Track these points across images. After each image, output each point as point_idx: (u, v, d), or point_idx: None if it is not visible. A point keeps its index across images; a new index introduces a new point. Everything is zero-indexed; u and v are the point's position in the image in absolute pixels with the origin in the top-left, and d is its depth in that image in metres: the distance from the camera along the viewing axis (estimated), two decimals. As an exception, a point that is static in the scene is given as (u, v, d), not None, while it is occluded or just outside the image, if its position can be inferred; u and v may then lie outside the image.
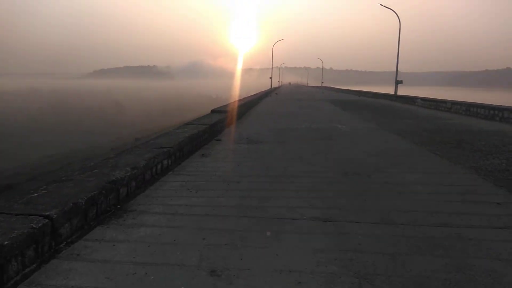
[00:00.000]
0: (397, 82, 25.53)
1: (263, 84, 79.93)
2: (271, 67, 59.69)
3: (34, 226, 2.47)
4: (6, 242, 2.20)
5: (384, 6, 25.24)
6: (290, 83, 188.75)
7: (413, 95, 25.81)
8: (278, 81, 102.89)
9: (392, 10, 25.06)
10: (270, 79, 57.02)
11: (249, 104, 17.06)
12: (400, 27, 24.76)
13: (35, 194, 3.12)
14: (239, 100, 16.34)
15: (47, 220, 2.61)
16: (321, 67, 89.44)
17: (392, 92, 33.67)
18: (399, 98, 22.86)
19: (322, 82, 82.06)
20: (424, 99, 19.19)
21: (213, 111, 11.50)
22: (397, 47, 25.42)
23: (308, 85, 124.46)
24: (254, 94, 28.11)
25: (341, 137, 8.53)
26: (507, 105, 14.06)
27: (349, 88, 45.54)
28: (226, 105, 13.44)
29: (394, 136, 8.64)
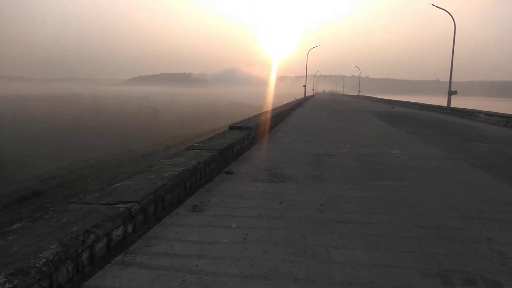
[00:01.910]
0: (451, 93, 22.28)
1: (297, 92, 77.57)
2: (305, 75, 57.14)
3: None
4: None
5: (437, 6, 22.20)
6: (324, 91, 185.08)
7: (466, 107, 22.54)
8: (312, 89, 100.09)
9: (446, 11, 21.99)
10: (304, 87, 54.46)
11: (278, 117, 14.73)
12: (455, 30, 21.62)
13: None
14: (267, 112, 14.05)
15: None
16: (356, 75, 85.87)
17: (439, 103, 30.26)
18: (455, 112, 19.70)
19: (360, 91, 78.30)
20: (488, 114, 16.07)
21: (231, 128, 9.25)
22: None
23: (344, 93, 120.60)
24: (286, 104, 25.76)
25: (405, 173, 5.98)
26: None
27: (390, 98, 42.20)
28: (249, 119, 11.17)
29: (486, 176, 5.96)
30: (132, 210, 3.37)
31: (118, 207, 3.29)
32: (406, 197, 4.56)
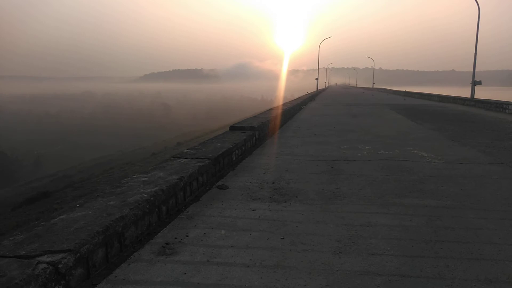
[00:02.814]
0: (475, 83, 20.64)
1: (309, 86, 76.04)
2: (317, 67, 55.54)
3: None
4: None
5: (459, -12, 20.52)
6: (336, 83, 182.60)
7: (488, 98, 20.92)
8: (325, 82, 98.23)
9: (470, -6, 20.29)
10: (316, 81, 52.92)
11: (287, 113, 13.54)
12: (479, 15, 19.96)
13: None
14: (275, 109, 12.87)
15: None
16: (369, 67, 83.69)
17: (456, 94, 28.53)
18: (480, 103, 18.12)
19: (374, 83, 76.16)
20: (520, 105, 14.55)
21: (232, 128, 8.13)
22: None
23: (357, 86, 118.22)
24: (297, 99, 24.50)
25: (443, 185, 4.73)
26: None
27: (407, 90, 40.41)
28: (254, 117, 10.01)
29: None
30: (60, 266, 2.28)
31: (37, 263, 2.21)
32: (455, 226, 3.35)
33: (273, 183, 4.86)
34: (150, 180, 3.99)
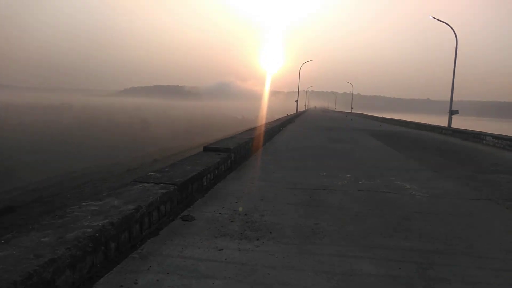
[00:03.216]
0: (452, 113, 20.89)
1: (290, 107, 76.59)
2: (297, 90, 55.99)
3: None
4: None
5: (438, 19, 21.08)
6: (315, 107, 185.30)
7: (465, 127, 21.23)
8: (305, 105, 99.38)
9: (447, 24, 20.79)
10: (296, 103, 53.24)
11: (266, 135, 13.15)
12: (457, 44, 20.42)
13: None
14: (254, 130, 12.46)
15: None
16: (348, 92, 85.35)
17: (431, 122, 29.03)
18: (457, 133, 18.26)
19: (352, 108, 77.41)
20: (496, 137, 14.64)
21: (206, 149, 7.61)
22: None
23: (336, 110, 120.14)
24: (276, 120, 24.26)
25: (430, 224, 4.32)
26: None
27: (384, 116, 41.00)
28: (230, 138, 9.53)
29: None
30: None
31: None
32: (450, 278, 2.90)
33: (245, 214, 4.35)
34: (101, 209, 3.41)
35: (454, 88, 21.01)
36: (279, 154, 9.84)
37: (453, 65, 20.77)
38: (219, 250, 3.29)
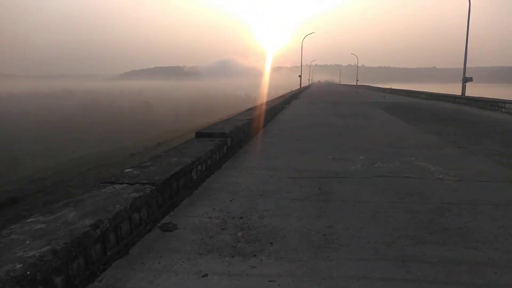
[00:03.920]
0: (466, 80, 19.69)
1: (293, 82, 75.21)
2: (300, 64, 54.44)
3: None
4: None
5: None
6: (319, 81, 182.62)
7: (480, 95, 20.06)
8: (308, 80, 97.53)
9: (460, -14, 19.32)
10: (299, 78, 51.84)
11: (268, 114, 12.23)
12: (470, 9, 19.06)
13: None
14: (255, 109, 11.55)
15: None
16: (352, 64, 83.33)
17: (439, 91, 27.79)
18: (472, 101, 17.16)
19: (357, 80, 75.63)
20: (516, 104, 13.58)
21: (198, 135, 6.74)
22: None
23: (341, 83, 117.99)
24: (280, 96, 23.22)
25: (471, 220, 3.50)
26: None
27: (392, 87, 39.63)
28: (227, 120, 8.62)
29: None
30: None
31: None
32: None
33: (240, 218, 3.53)
34: (48, 228, 2.59)
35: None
36: (283, 135, 8.96)
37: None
38: (202, 276, 2.48)
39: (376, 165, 5.62)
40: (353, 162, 5.85)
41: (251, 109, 11.84)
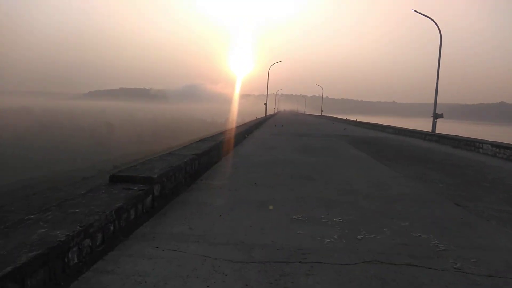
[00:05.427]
0: (437, 116, 18.95)
1: (260, 110, 74.52)
2: (266, 92, 53.66)
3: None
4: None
5: (420, 13, 19.21)
6: (285, 109, 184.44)
7: (450, 133, 19.34)
8: (274, 108, 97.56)
9: (431, 19, 18.90)
10: (265, 106, 50.90)
11: (226, 145, 10.47)
12: (441, 40, 18.58)
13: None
14: (207, 141, 9.75)
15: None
16: (317, 95, 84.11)
17: (397, 125, 27.29)
18: (444, 139, 16.24)
19: (322, 111, 75.98)
20: (495, 145, 12.61)
21: (113, 180, 4.78)
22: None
23: (305, 113, 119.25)
24: (243, 125, 21.65)
25: None
26: None
27: (357, 120, 39.25)
28: (167, 155, 6.72)
29: None
30: None
31: None
32: None
33: None
34: None
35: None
36: (238, 176, 7.19)
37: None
38: None
39: (358, 237, 3.92)
40: (327, 228, 4.13)
41: (204, 140, 10.03)
